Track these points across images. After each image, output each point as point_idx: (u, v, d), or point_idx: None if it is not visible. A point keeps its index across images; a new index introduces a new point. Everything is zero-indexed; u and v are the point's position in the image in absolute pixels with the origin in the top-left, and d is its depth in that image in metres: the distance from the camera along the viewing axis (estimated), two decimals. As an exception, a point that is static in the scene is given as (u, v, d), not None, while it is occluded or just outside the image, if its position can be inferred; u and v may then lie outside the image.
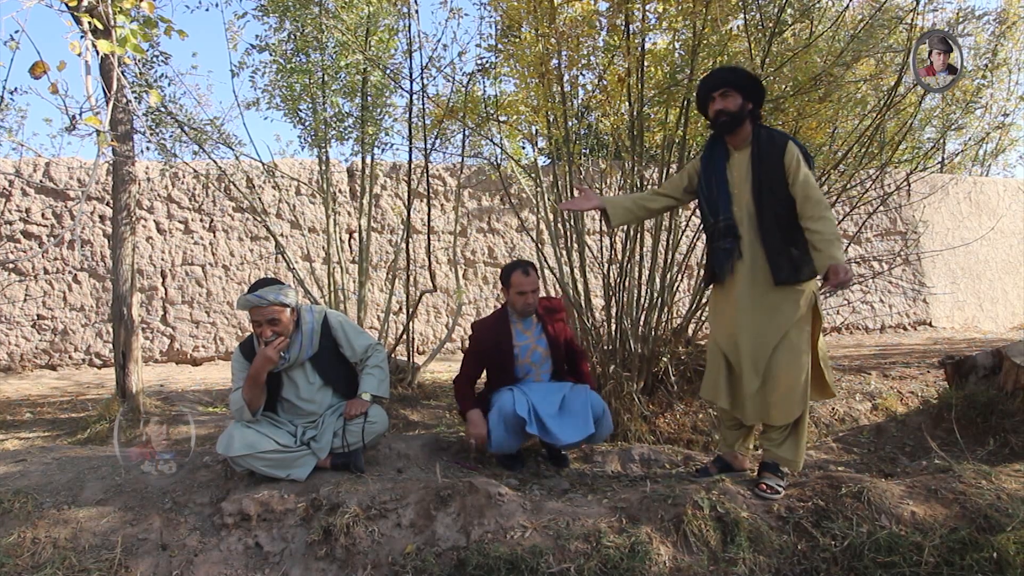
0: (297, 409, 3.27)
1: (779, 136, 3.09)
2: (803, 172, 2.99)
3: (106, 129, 2.50)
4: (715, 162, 3.20)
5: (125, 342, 4.83)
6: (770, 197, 3.03)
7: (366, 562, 2.69)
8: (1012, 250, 11.90)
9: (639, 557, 2.64)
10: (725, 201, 3.14)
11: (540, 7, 4.23)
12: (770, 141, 3.07)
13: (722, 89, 3.10)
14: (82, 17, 2.65)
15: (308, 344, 3.22)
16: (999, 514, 2.80)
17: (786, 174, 3.01)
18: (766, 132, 3.12)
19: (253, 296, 3.04)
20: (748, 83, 3.12)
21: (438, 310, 8.80)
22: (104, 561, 2.65)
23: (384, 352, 3.44)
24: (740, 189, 3.12)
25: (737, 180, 3.14)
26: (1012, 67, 13.80)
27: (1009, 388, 3.81)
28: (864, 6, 5.28)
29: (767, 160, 3.04)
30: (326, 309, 3.38)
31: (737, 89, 3.09)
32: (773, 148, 3.04)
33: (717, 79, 3.16)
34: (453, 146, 6.83)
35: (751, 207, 3.08)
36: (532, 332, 3.61)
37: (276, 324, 3.07)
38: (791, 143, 3.04)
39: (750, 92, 3.11)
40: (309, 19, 5.25)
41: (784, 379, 3.02)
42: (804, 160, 3.02)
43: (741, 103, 3.09)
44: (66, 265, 7.55)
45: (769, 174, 3.04)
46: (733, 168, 3.16)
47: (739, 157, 3.15)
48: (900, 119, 5.13)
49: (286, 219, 8.12)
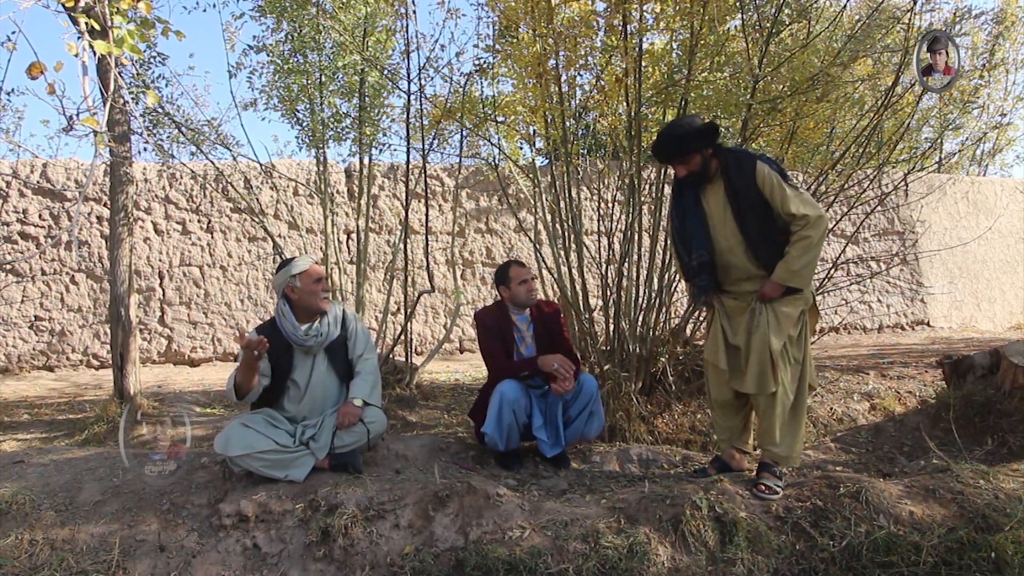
0: (300, 395, 3.29)
1: (746, 160, 3.08)
2: (780, 188, 2.99)
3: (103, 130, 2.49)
4: (686, 200, 3.21)
5: (123, 343, 4.82)
6: (755, 222, 3.05)
7: (364, 563, 2.68)
8: (1009, 250, 11.92)
9: (637, 557, 2.64)
10: (699, 239, 3.16)
11: (538, 7, 4.23)
12: (739, 168, 3.06)
13: (677, 160, 3.13)
14: (79, 18, 2.64)
15: (334, 327, 3.34)
16: (997, 514, 2.81)
17: (763, 196, 3.02)
18: (733, 159, 3.10)
19: (312, 256, 3.36)
20: (698, 141, 3.09)
21: (436, 311, 8.80)
22: (102, 563, 2.64)
23: (376, 358, 3.49)
24: (721, 222, 3.13)
25: (715, 212, 3.15)
26: (1009, 67, 13.83)
27: (1007, 388, 3.81)
28: (861, 6, 5.30)
29: (741, 188, 3.05)
30: (343, 304, 3.47)
31: (692, 151, 3.09)
32: (743, 175, 3.05)
33: (669, 154, 3.15)
34: (451, 146, 6.83)
35: (738, 236, 3.10)
36: (526, 327, 3.68)
37: (326, 285, 3.34)
38: (759, 163, 3.04)
39: (704, 144, 3.09)
40: (306, 20, 5.24)
41: (757, 347, 3.08)
42: (777, 174, 3.03)
43: (701, 159, 3.10)
44: (63, 266, 7.53)
45: (748, 201, 3.05)
46: (709, 201, 3.17)
47: (712, 190, 3.16)
48: (898, 119, 5.14)
49: (284, 220, 8.12)
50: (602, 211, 5.12)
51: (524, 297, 3.59)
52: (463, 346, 8.86)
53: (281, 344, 3.24)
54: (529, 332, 3.67)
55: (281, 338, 3.25)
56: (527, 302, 3.61)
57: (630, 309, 4.52)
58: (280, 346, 3.24)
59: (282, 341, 3.25)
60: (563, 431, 3.52)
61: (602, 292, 4.65)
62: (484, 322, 3.66)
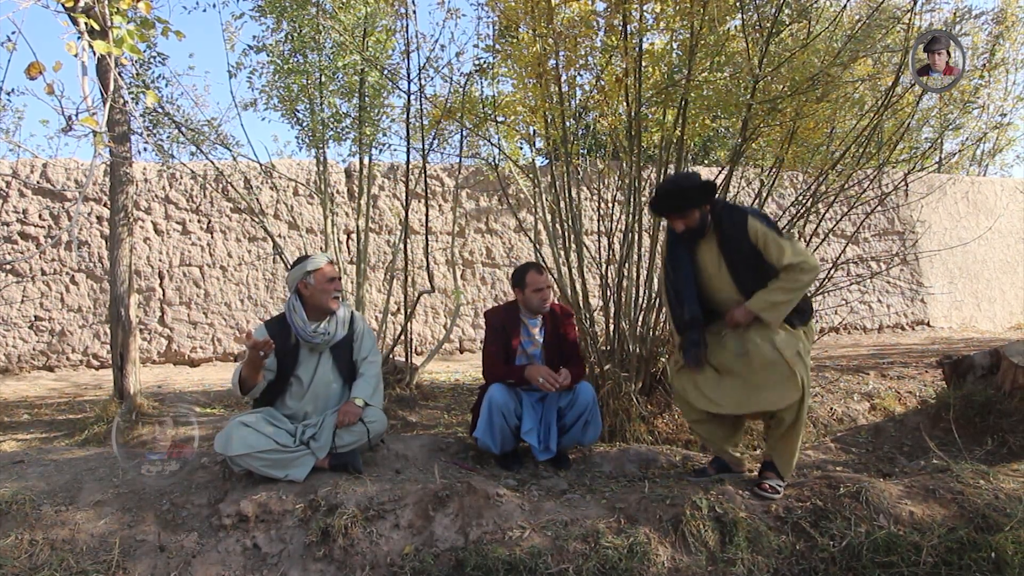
0: (303, 392, 3.29)
1: (737, 214, 3.12)
2: (773, 241, 3.03)
3: (103, 130, 2.49)
4: (680, 255, 3.24)
5: (123, 343, 4.82)
6: (750, 273, 3.09)
7: (364, 563, 2.68)
8: (1009, 250, 11.92)
9: (638, 558, 2.64)
10: (691, 296, 3.19)
11: (538, 7, 4.22)
12: (731, 223, 3.11)
13: (677, 214, 3.15)
14: (79, 18, 2.64)
15: (341, 328, 3.36)
16: (997, 514, 2.81)
17: (755, 248, 3.06)
18: (726, 213, 3.14)
19: (328, 254, 3.35)
20: (699, 197, 3.12)
21: (436, 311, 8.80)
22: (102, 563, 2.64)
23: (380, 362, 3.51)
24: (716, 275, 3.18)
25: (709, 265, 3.19)
26: (1009, 67, 13.84)
27: (1007, 388, 3.81)
28: (861, 6, 5.29)
29: (733, 242, 3.09)
30: (352, 306, 3.52)
31: (691, 207, 3.12)
32: (735, 229, 3.09)
33: (669, 209, 3.18)
34: (451, 146, 6.83)
35: (733, 288, 3.14)
36: (536, 330, 3.67)
37: (338, 285, 3.35)
38: (750, 218, 3.08)
39: (703, 200, 3.12)
40: (306, 20, 5.24)
41: (762, 362, 3.03)
42: (768, 227, 3.06)
43: (699, 215, 3.13)
44: (63, 266, 7.53)
45: (740, 254, 3.09)
46: (703, 254, 3.21)
47: (705, 243, 3.20)
48: (898, 119, 5.13)
49: (284, 220, 8.12)
50: (602, 211, 5.12)
51: (536, 305, 3.59)
52: (463, 346, 8.86)
53: (288, 340, 3.26)
54: (539, 334, 3.67)
55: (288, 333, 3.27)
56: (538, 310, 3.61)
57: (630, 309, 4.52)
58: (287, 342, 3.26)
59: (289, 337, 3.27)
60: (558, 437, 3.52)
61: (602, 292, 4.65)
62: (490, 322, 3.67)
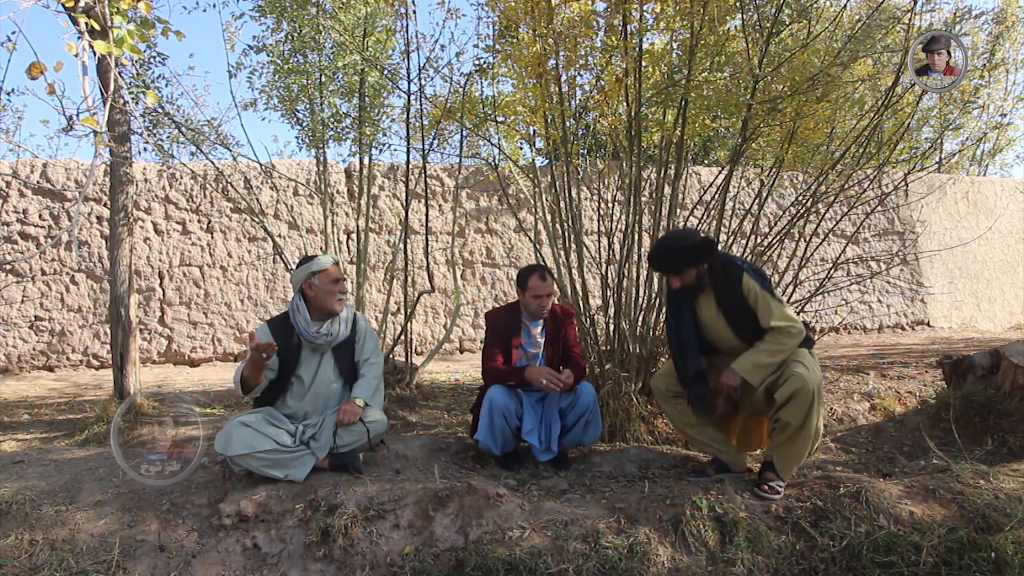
0: (304, 392, 3.30)
1: (733, 270, 3.19)
2: (763, 301, 3.11)
3: (103, 130, 2.49)
4: (681, 308, 3.31)
5: (123, 343, 4.81)
6: (748, 323, 3.16)
7: (364, 563, 2.68)
8: (1009, 250, 11.92)
9: (638, 558, 2.64)
10: (693, 351, 3.25)
11: (538, 7, 4.22)
12: (727, 279, 3.18)
13: (673, 272, 3.24)
14: (79, 18, 2.64)
15: (344, 329, 3.36)
16: (997, 514, 2.81)
17: (748, 304, 3.14)
18: (721, 270, 3.21)
19: (334, 256, 3.37)
20: (694, 257, 3.19)
21: (436, 311, 8.80)
22: (102, 563, 2.64)
23: (381, 363, 3.51)
24: (715, 328, 3.26)
25: (709, 319, 3.27)
26: (1009, 67, 13.83)
27: (1007, 388, 3.81)
28: (861, 6, 5.29)
29: (729, 298, 3.18)
30: (353, 307, 3.50)
31: (688, 266, 3.20)
32: (731, 285, 3.17)
33: (663, 262, 3.27)
34: (451, 146, 6.83)
35: (735, 339, 3.23)
36: (538, 332, 3.68)
37: (343, 286, 3.36)
38: (745, 275, 3.15)
39: (699, 260, 3.20)
40: (306, 20, 5.24)
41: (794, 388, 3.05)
42: (762, 287, 3.14)
43: (696, 273, 3.21)
44: (63, 266, 7.53)
45: (736, 308, 3.17)
46: (702, 308, 3.29)
47: (704, 300, 3.28)
48: (898, 119, 5.13)
49: (284, 220, 8.12)
50: (602, 211, 5.12)
51: (534, 310, 3.59)
52: (463, 346, 8.86)
53: (291, 339, 3.27)
54: (540, 335, 3.67)
55: (291, 333, 3.27)
56: (535, 315, 3.62)
57: (630, 309, 4.52)
58: (289, 341, 3.26)
59: (292, 336, 3.27)
60: (559, 438, 3.52)
61: (602, 292, 4.65)
62: (491, 324, 3.67)
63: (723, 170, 4.83)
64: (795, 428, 3.06)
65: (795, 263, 5.10)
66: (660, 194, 4.62)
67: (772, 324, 3.08)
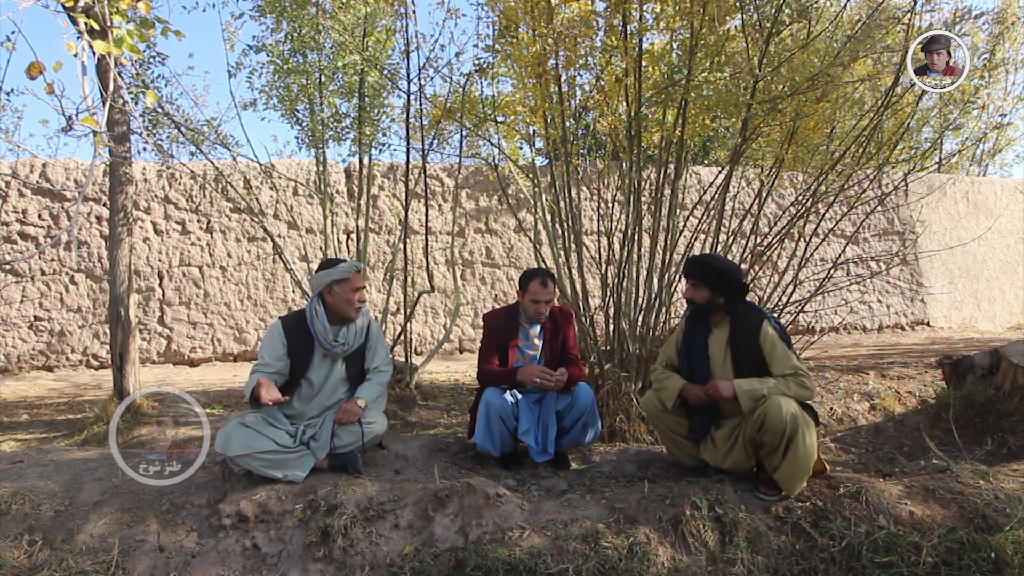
0: (312, 394, 3.30)
1: (755, 315, 3.19)
2: (779, 351, 3.09)
3: (103, 130, 2.49)
4: (696, 336, 3.32)
5: (122, 343, 4.81)
6: (750, 371, 3.14)
7: (364, 563, 2.68)
8: (1009, 250, 11.91)
9: (637, 558, 2.64)
10: (703, 378, 3.24)
11: (537, 7, 4.22)
12: (746, 322, 3.18)
13: (692, 280, 3.24)
14: (78, 17, 2.63)
15: (358, 337, 3.38)
16: (997, 514, 2.81)
17: (762, 352, 3.12)
18: (743, 312, 3.21)
19: (356, 263, 3.32)
20: (717, 280, 3.19)
21: (436, 311, 8.79)
22: (101, 563, 2.64)
23: (390, 373, 3.53)
24: (720, 365, 3.24)
25: (716, 355, 3.26)
26: (1009, 67, 13.84)
27: (1007, 388, 3.81)
28: (861, 6, 5.29)
29: (743, 340, 3.16)
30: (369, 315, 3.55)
31: (706, 284, 3.20)
32: (749, 326, 3.16)
33: (689, 268, 3.28)
34: (451, 146, 6.83)
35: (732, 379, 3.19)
36: (536, 333, 3.67)
37: (363, 295, 3.35)
38: (765, 321, 3.14)
39: (720, 287, 3.19)
40: (306, 20, 5.24)
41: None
42: (780, 337, 3.12)
43: (709, 296, 3.21)
44: (63, 266, 7.53)
45: (746, 352, 3.15)
46: (713, 344, 3.28)
47: (718, 334, 3.28)
48: (898, 119, 5.13)
49: (283, 220, 8.12)
50: (602, 211, 5.12)
51: (531, 313, 3.60)
52: (463, 346, 8.86)
53: (304, 341, 3.26)
54: (539, 337, 3.67)
55: (305, 334, 3.26)
56: (532, 319, 3.63)
57: (630, 309, 4.52)
58: (302, 342, 3.25)
59: (306, 337, 3.26)
60: (558, 439, 3.52)
61: (602, 292, 4.65)
62: (488, 325, 3.68)
63: (723, 170, 4.83)
64: (777, 447, 2.95)
65: (795, 263, 5.09)
66: (660, 194, 4.62)
67: (787, 372, 3.05)
